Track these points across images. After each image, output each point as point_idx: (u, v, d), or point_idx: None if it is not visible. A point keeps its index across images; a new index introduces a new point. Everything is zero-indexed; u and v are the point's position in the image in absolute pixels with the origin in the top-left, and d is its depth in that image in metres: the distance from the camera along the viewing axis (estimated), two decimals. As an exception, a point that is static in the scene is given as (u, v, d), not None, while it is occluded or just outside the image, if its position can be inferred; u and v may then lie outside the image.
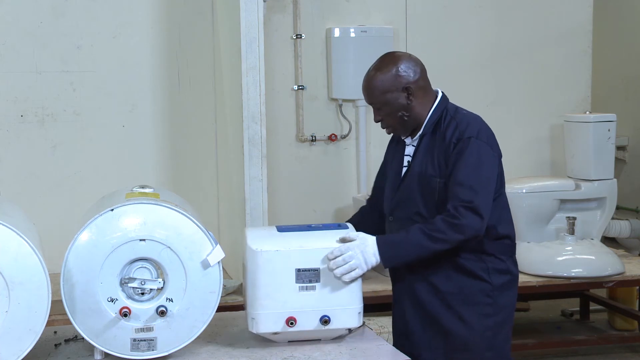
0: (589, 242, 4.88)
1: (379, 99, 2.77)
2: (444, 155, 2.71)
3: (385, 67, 2.78)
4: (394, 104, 2.77)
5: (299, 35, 5.13)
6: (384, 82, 2.76)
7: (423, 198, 2.74)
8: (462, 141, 2.68)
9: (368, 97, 2.81)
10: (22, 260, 2.38)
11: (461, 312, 2.73)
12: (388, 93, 2.76)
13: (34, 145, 4.88)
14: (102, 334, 2.49)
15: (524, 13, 5.51)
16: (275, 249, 2.64)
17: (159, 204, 2.53)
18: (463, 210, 2.62)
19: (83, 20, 4.88)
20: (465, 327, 2.73)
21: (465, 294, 2.73)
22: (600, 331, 5.29)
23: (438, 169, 2.72)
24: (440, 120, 2.78)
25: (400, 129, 2.82)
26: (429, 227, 2.63)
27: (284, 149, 5.17)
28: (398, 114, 2.78)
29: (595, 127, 5.05)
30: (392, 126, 2.82)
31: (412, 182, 2.77)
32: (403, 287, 2.83)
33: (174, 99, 5.05)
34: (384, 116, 2.80)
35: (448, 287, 2.74)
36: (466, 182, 2.64)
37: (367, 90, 2.80)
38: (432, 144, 2.76)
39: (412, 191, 2.76)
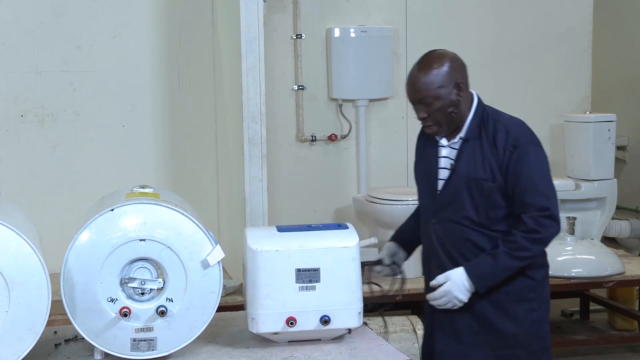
0: (589, 242, 4.88)
1: (432, 93, 2.72)
2: (496, 161, 2.70)
3: (437, 62, 2.76)
4: (445, 99, 2.73)
5: (299, 35, 5.13)
6: (439, 76, 2.73)
7: (472, 202, 2.73)
8: (520, 148, 2.69)
9: (420, 92, 2.74)
10: (22, 260, 2.38)
11: (510, 309, 2.76)
12: (442, 88, 2.73)
13: (34, 145, 4.88)
14: (102, 334, 2.49)
15: (523, 13, 5.51)
16: (275, 249, 2.64)
17: (159, 204, 2.53)
18: (543, 221, 2.66)
19: (83, 20, 4.89)
20: (514, 324, 2.76)
21: (513, 292, 2.75)
22: (600, 331, 5.29)
23: (490, 174, 2.71)
24: (482, 122, 2.77)
25: (445, 126, 2.77)
26: (513, 247, 2.66)
27: (284, 149, 5.17)
28: (448, 110, 2.74)
29: (596, 127, 5.05)
30: (438, 123, 2.76)
31: (459, 186, 2.75)
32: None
33: (174, 99, 5.05)
34: (433, 112, 2.74)
35: (496, 286, 2.73)
36: (539, 190, 2.68)
37: (420, 84, 2.74)
38: (480, 148, 2.74)
39: (460, 195, 2.75)
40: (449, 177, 2.78)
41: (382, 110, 5.32)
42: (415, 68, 2.78)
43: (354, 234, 2.73)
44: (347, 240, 2.69)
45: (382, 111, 5.33)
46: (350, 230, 2.75)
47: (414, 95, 2.76)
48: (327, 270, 2.64)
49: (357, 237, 2.72)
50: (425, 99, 2.73)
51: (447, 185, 2.78)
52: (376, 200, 4.73)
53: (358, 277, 2.69)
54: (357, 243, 2.70)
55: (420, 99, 2.75)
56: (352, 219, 5.02)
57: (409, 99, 2.81)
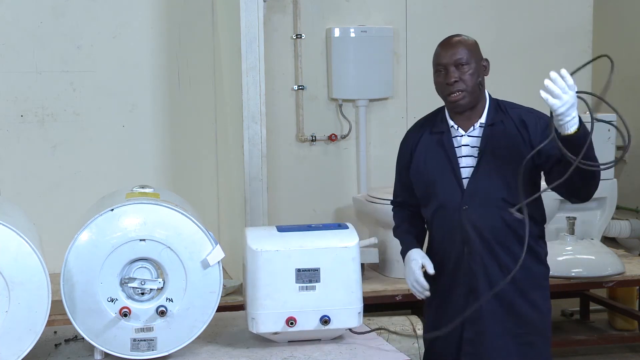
0: (589, 242, 4.88)
1: (469, 53, 2.81)
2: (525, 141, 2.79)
3: (467, 37, 2.86)
4: (478, 65, 2.83)
5: (299, 35, 5.13)
6: (473, 43, 2.85)
7: (507, 184, 2.77)
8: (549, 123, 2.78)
9: (457, 51, 2.80)
10: (22, 260, 2.38)
11: (531, 296, 2.83)
12: (476, 52, 2.84)
13: (34, 145, 4.88)
14: (102, 334, 2.49)
15: (523, 13, 5.51)
16: (275, 249, 2.64)
17: (159, 204, 2.53)
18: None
19: (83, 20, 4.88)
20: (536, 311, 2.84)
21: (533, 278, 2.84)
22: (601, 331, 5.29)
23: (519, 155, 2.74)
24: (499, 109, 2.85)
25: (469, 96, 2.81)
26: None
27: (284, 149, 5.17)
28: (478, 79, 2.83)
29: (595, 127, 5.03)
30: (466, 90, 2.80)
31: (491, 169, 2.79)
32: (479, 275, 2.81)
33: (174, 99, 5.05)
34: (467, 75, 2.79)
35: (522, 274, 2.77)
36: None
37: (458, 44, 2.82)
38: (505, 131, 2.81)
39: (493, 178, 2.79)
40: (479, 162, 2.81)
41: (382, 110, 5.32)
42: (447, 40, 2.85)
43: (354, 234, 2.73)
44: (347, 240, 2.70)
45: (382, 111, 5.33)
46: (350, 230, 2.75)
47: (451, 56, 2.80)
48: (327, 270, 2.64)
49: (357, 237, 2.72)
50: (463, 58, 2.79)
51: (479, 170, 2.80)
52: (376, 200, 4.73)
53: (358, 277, 2.69)
54: (357, 243, 2.70)
55: (455, 61, 2.79)
56: (352, 219, 5.02)
57: (440, 64, 2.82)
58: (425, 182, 2.90)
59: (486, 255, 2.80)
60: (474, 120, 2.85)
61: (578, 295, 5.42)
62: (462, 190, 2.82)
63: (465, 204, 2.81)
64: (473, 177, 2.81)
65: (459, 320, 2.76)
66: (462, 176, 2.82)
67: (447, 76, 2.81)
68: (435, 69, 2.86)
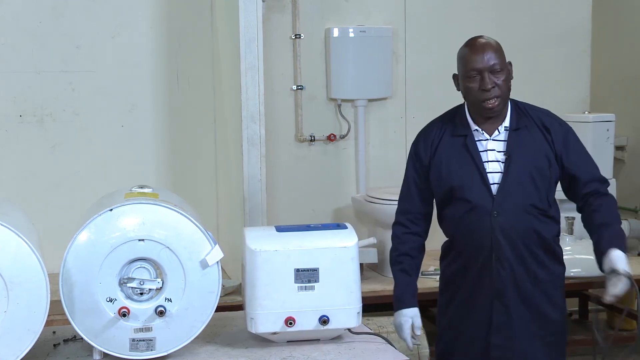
0: (588, 242, 4.84)
1: (502, 59, 2.81)
2: (549, 145, 2.83)
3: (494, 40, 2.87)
4: (508, 71, 2.84)
5: (298, 35, 5.13)
6: (501, 49, 2.85)
7: (536, 189, 2.80)
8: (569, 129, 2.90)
9: (494, 57, 2.80)
10: (21, 260, 2.38)
11: (553, 296, 2.89)
12: (505, 58, 2.84)
13: (33, 145, 4.88)
14: (101, 334, 2.49)
15: (523, 13, 5.51)
16: (274, 249, 2.64)
17: (158, 204, 2.53)
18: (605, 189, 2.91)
19: (82, 20, 4.88)
20: (557, 311, 2.90)
21: (555, 279, 2.90)
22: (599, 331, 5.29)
23: (546, 159, 2.81)
24: (520, 112, 2.87)
25: (502, 103, 2.82)
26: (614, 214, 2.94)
27: (283, 149, 5.17)
28: (509, 84, 2.84)
29: (595, 127, 5.05)
30: (501, 96, 2.81)
31: (521, 175, 2.80)
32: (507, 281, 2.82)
33: (173, 99, 5.04)
34: (501, 82, 2.80)
35: (545, 276, 2.85)
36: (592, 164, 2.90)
37: (494, 50, 2.82)
38: (531, 135, 2.83)
39: (523, 183, 2.80)
40: (507, 168, 2.80)
41: (381, 110, 5.32)
42: (475, 42, 2.83)
43: (353, 234, 2.73)
44: (346, 240, 2.69)
45: (381, 111, 5.33)
46: (349, 230, 2.75)
47: (487, 61, 2.79)
48: (326, 270, 2.64)
49: (356, 237, 2.72)
50: (497, 65, 2.80)
51: (508, 175, 2.80)
52: (375, 200, 4.73)
53: (357, 276, 2.69)
54: (356, 243, 2.70)
55: (491, 67, 2.79)
56: (351, 218, 5.02)
57: (475, 69, 2.80)
58: (449, 186, 2.86)
59: (515, 261, 2.82)
60: (497, 124, 2.84)
61: (577, 295, 5.41)
62: (491, 196, 2.80)
63: (496, 210, 2.80)
64: (503, 183, 2.80)
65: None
66: (490, 182, 2.81)
67: (483, 82, 2.79)
68: (468, 74, 2.82)
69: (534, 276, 2.84)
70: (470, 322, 2.87)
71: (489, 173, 2.81)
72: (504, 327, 2.83)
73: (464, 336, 2.91)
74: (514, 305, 2.82)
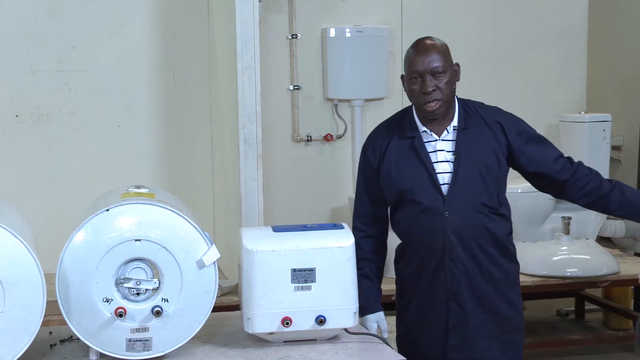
0: (584, 241, 4.89)
1: (445, 62, 2.77)
2: (499, 142, 2.80)
3: (440, 41, 2.82)
4: (452, 72, 2.80)
5: (295, 35, 5.13)
6: (446, 48, 2.80)
7: (486, 188, 2.79)
8: (518, 123, 2.87)
9: (435, 59, 2.76)
10: (17, 260, 2.37)
11: (510, 295, 2.86)
12: (450, 59, 2.80)
13: (29, 145, 4.88)
14: (98, 334, 2.49)
15: (519, 13, 5.51)
16: (271, 249, 2.64)
17: (154, 204, 2.53)
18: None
19: (78, 20, 4.88)
20: (513, 309, 2.87)
21: (510, 278, 2.87)
22: (596, 331, 5.30)
23: (495, 157, 2.80)
24: (468, 110, 2.84)
25: (444, 106, 2.79)
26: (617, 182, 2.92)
27: (280, 149, 5.17)
28: (452, 87, 2.80)
29: (591, 127, 5.06)
30: (442, 99, 2.77)
31: (470, 174, 2.78)
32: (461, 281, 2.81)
33: (169, 99, 5.04)
34: (443, 85, 2.76)
35: (499, 274, 2.83)
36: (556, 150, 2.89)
37: (435, 52, 2.77)
38: (479, 133, 2.81)
39: (474, 182, 2.78)
40: (457, 167, 2.79)
41: (378, 110, 5.32)
42: (419, 43, 2.82)
43: (350, 234, 2.73)
44: (343, 240, 2.69)
45: (378, 111, 5.32)
46: (346, 230, 2.75)
47: (428, 64, 2.76)
48: (323, 270, 2.64)
49: (352, 237, 2.72)
50: (440, 67, 2.76)
51: (457, 175, 2.79)
52: (372, 200, 4.73)
53: (354, 277, 2.69)
54: (352, 243, 2.69)
55: (432, 69, 2.76)
56: (347, 218, 5.00)
57: (416, 72, 2.78)
58: (400, 189, 2.85)
59: (468, 260, 2.80)
60: (446, 124, 2.83)
61: (573, 295, 5.43)
62: (442, 197, 2.79)
63: (447, 210, 2.79)
64: (453, 183, 2.79)
65: None
66: (440, 182, 2.80)
67: (424, 85, 2.77)
68: (410, 76, 2.81)
69: (489, 275, 2.82)
70: (428, 324, 2.87)
71: (439, 173, 2.80)
72: (460, 327, 2.82)
73: (423, 339, 2.90)
74: (470, 305, 2.81)
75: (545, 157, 2.86)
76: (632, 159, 6.10)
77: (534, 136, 2.88)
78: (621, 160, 6.58)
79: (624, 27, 6.59)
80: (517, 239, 4.78)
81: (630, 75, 6.40)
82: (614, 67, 6.68)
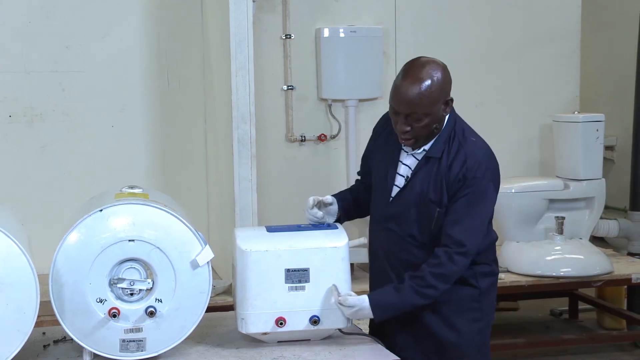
0: (578, 241, 4.90)
1: (424, 110, 2.58)
2: (447, 186, 2.63)
3: (430, 76, 2.59)
4: (435, 115, 2.61)
5: (289, 35, 5.13)
6: (433, 92, 2.58)
7: (419, 222, 2.68)
8: (468, 180, 2.60)
9: (412, 107, 2.58)
10: (11, 260, 2.37)
11: (453, 320, 2.72)
12: (434, 105, 2.59)
13: (22, 146, 4.87)
14: (91, 334, 2.49)
15: (513, 14, 5.52)
16: (265, 249, 2.64)
17: (148, 205, 2.53)
18: (455, 257, 2.58)
19: (72, 20, 4.87)
20: (458, 335, 2.72)
21: (456, 302, 2.71)
22: (589, 330, 5.31)
23: (439, 198, 2.64)
24: (448, 141, 2.66)
25: (423, 141, 2.66)
26: (420, 283, 2.58)
27: (274, 149, 5.17)
28: (433, 126, 2.63)
29: (584, 127, 5.07)
30: (417, 137, 2.64)
31: (410, 201, 2.69)
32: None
33: (163, 99, 5.04)
34: (420, 128, 2.61)
35: (444, 297, 2.67)
36: (463, 223, 2.59)
37: (414, 98, 2.57)
38: (436, 169, 2.65)
39: (409, 211, 2.69)
40: (402, 190, 2.71)
41: (372, 110, 5.32)
42: (406, 78, 2.60)
43: (344, 234, 2.73)
44: (337, 240, 2.70)
45: (372, 111, 5.32)
46: (340, 231, 2.75)
47: (405, 109, 2.60)
48: (317, 270, 2.64)
49: (346, 237, 2.72)
50: (416, 114, 2.59)
51: (399, 198, 2.72)
52: (366, 200, 4.73)
53: (348, 277, 2.69)
54: (346, 243, 2.70)
55: (410, 113, 2.60)
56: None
57: (395, 109, 2.64)
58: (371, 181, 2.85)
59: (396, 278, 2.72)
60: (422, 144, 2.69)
61: (567, 294, 5.44)
62: (386, 209, 2.76)
63: (383, 225, 2.77)
64: (394, 201, 2.73)
65: None
66: (391, 194, 2.74)
67: (399, 123, 2.63)
68: (390, 104, 2.65)
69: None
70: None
71: (395, 186, 2.73)
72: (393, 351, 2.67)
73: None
74: (401, 330, 2.73)
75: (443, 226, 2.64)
76: (626, 159, 6.11)
77: (457, 206, 2.61)
78: (614, 160, 6.59)
79: (617, 28, 6.60)
80: (511, 239, 4.86)
81: (623, 75, 6.41)
82: (607, 67, 6.70)
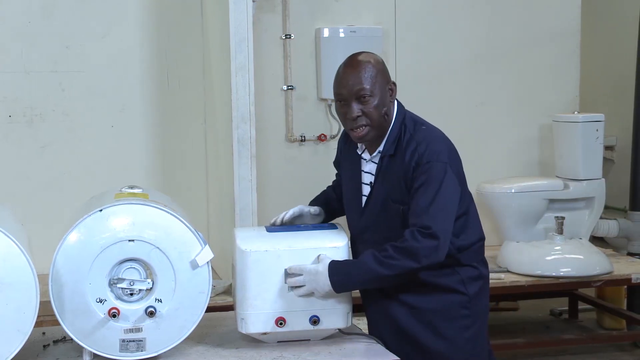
0: (578, 241, 4.90)
1: (371, 87, 2.54)
2: (404, 180, 2.58)
3: (372, 60, 2.59)
4: (382, 95, 2.57)
5: (289, 35, 5.13)
6: (374, 71, 2.56)
7: (388, 225, 2.64)
8: (421, 166, 2.54)
9: (358, 84, 2.55)
10: (11, 260, 2.37)
11: (441, 329, 2.66)
12: (379, 84, 2.56)
13: (22, 146, 4.87)
14: (91, 334, 2.49)
15: (512, 14, 5.52)
16: (265, 249, 2.64)
17: (148, 205, 2.53)
18: (419, 236, 2.49)
19: (72, 20, 4.87)
20: (447, 343, 2.67)
21: (444, 310, 2.66)
22: (589, 330, 5.31)
23: (400, 195, 2.60)
24: (399, 137, 2.61)
25: (375, 129, 2.61)
26: (382, 252, 2.51)
27: (274, 149, 5.17)
28: (382, 110, 2.59)
29: (584, 127, 5.07)
30: (370, 125, 2.59)
31: (376, 207, 2.68)
32: (377, 310, 2.75)
33: (163, 99, 5.04)
34: (370, 110, 2.56)
35: (426, 304, 2.66)
36: (424, 208, 2.51)
37: (359, 76, 2.54)
38: (393, 167, 2.62)
39: (378, 217, 2.68)
40: (369, 197, 2.70)
41: (372, 110, 5.32)
42: (345, 67, 2.59)
43: (343, 234, 2.73)
44: (336, 240, 2.69)
45: (372, 111, 5.33)
46: (339, 231, 2.75)
47: (351, 87, 2.55)
48: (316, 270, 2.64)
49: (346, 237, 2.72)
50: (362, 92, 2.55)
51: (368, 205, 2.71)
52: (365, 200, 4.74)
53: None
54: (346, 243, 2.70)
55: (357, 93, 2.55)
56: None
57: (341, 95, 2.59)
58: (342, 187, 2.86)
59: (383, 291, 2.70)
60: (376, 146, 2.67)
61: (567, 294, 5.44)
62: (359, 220, 2.75)
63: (358, 237, 2.78)
64: (364, 210, 2.72)
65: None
66: (362, 205, 2.72)
67: (349, 110, 2.58)
68: (336, 97, 2.62)
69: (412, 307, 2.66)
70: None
71: (364, 196, 2.70)
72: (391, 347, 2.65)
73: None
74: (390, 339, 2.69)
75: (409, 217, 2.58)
76: (625, 158, 6.11)
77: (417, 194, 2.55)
78: (614, 160, 6.60)
79: (617, 28, 6.60)
80: (511, 239, 4.86)
81: (623, 75, 6.41)
82: (607, 67, 6.70)
